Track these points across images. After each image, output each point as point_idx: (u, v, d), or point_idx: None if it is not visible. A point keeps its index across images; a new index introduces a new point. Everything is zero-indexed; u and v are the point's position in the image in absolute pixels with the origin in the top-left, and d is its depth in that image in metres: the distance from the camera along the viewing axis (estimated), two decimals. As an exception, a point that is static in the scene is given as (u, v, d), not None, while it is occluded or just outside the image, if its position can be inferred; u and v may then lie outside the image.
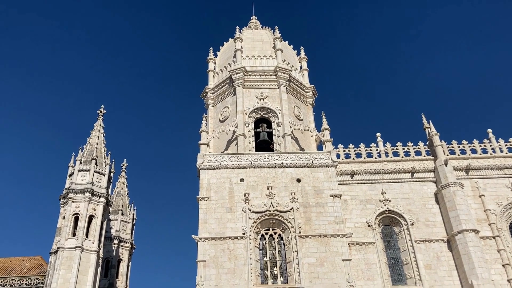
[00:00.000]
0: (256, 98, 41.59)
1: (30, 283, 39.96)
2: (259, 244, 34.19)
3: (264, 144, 40.41)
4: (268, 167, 36.67)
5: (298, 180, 36.26)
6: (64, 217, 39.52)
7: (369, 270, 33.52)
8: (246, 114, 40.54)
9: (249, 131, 39.99)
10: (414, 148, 38.87)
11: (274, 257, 33.77)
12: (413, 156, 38.35)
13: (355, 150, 38.70)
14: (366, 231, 35.11)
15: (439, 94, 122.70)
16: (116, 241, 49.80)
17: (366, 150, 38.71)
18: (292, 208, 34.59)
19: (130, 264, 51.06)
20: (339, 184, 36.27)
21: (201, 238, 33.67)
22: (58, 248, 37.71)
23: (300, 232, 33.67)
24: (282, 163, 36.77)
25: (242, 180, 36.21)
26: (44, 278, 38.45)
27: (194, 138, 42.10)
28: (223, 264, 32.69)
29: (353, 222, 35.43)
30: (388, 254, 34.97)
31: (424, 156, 38.33)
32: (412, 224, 35.14)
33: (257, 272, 32.83)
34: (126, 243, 51.00)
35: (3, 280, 40.19)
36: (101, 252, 39.86)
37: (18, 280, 40.20)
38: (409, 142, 39.02)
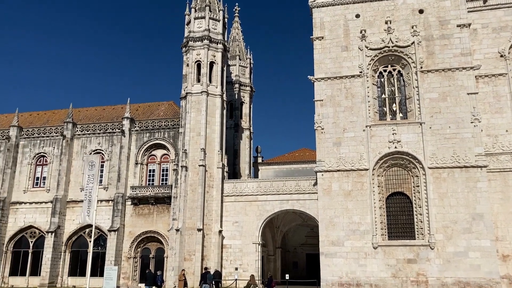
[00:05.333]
0: None
1: (168, 124, 45.43)
2: (376, 82, 33.64)
3: (381, -27, 36.76)
4: (386, -1, 33.98)
5: (421, 11, 33.36)
6: (187, 65, 42.18)
7: (497, 103, 31.74)
8: None
9: (364, -40, 36.34)
10: None
11: (392, 94, 33.24)
12: None
13: (491, -30, 33.70)
14: (497, 62, 32.37)
15: None
16: (236, 85, 52.46)
17: (504, -32, 33.49)
18: (413, 42, 32.62)
19: (251, 106, 54.20)
20: (468, 11, 32.74)
21: (317, 78, 34.03)
22: (186, 93, 41.22)
23: (421, 67, 32.17)
24: (402, -7, 33.66)
25: (357, 16, 34.40)
26: (178, 120, 43.13)
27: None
28: (340, 103, 33.22)
29: (482, 53, 32.71)
30: (522, 86, 32.33)
31: None
32: (555, 51, 31.38)
33: (375, 109, 32.93)
34: (246, 86, 53.50)
35: (146, 121, 46.15)
36: (224, 96, 42.69)
37: (157, 122, 45.85)
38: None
